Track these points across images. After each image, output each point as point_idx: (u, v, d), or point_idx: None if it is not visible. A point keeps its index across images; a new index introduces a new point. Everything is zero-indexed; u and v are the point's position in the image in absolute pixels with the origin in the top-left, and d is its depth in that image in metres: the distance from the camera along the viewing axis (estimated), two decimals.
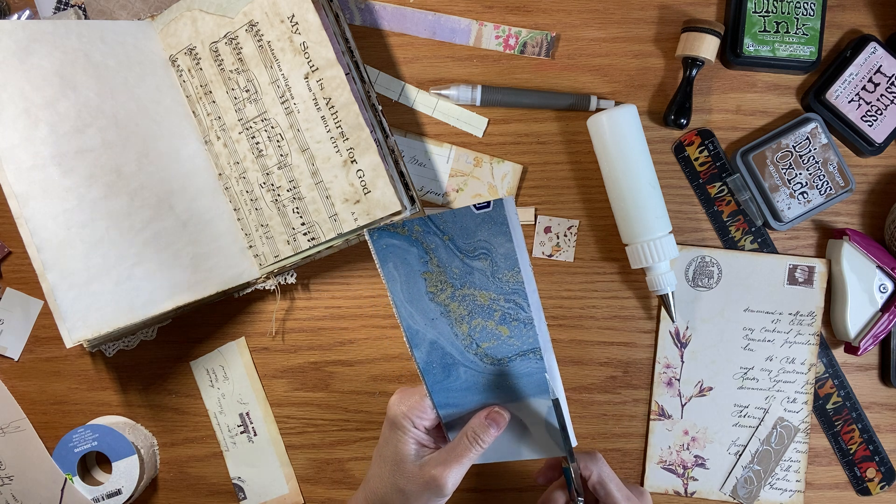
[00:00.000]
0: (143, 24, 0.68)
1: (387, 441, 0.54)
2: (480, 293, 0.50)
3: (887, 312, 0.67)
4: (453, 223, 0.48)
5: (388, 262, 0.49)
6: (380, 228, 0.49)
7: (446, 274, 0.49)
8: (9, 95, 0.60)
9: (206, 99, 0.67)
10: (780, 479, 0.69)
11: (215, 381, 0.70)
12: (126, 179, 0.64)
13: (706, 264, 0.70)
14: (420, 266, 0.49)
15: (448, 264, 0.49)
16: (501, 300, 0.49)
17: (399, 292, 0.50)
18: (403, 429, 0.53)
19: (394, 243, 0.49)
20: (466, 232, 0.48)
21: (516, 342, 0.51)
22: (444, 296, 0.50)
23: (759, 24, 0.68)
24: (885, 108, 0.68)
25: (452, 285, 0.50)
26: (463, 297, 0.50)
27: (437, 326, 0.51)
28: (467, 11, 0.70)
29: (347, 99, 0.63)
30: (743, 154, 0.68)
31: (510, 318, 0.50)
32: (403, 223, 0.49)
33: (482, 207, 0.47)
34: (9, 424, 0.68)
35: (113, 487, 0.67)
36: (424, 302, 0.50)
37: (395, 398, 0.55)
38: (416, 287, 0.50)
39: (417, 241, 0.49)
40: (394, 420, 0.54)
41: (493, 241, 0.48)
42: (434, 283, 0.50)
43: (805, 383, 0.69)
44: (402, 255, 0.49)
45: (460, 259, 0.49)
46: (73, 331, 0.60)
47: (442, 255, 0.49)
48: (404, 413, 0.53)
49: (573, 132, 0.70)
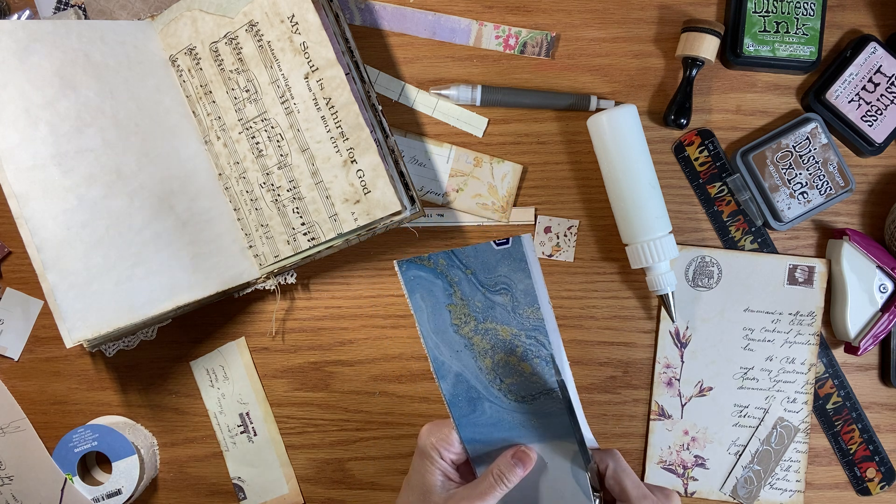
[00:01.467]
0: (143, 24, 0.68)
1: (416, 470, 0.54)
2: (502, 328, 0.51)
3: (887, 312, 0.67)
4: (475, 258, 0.49)
5: (416, 292, 0.51)
6: (408, 260, 0.50)
7: (469, 307, 0.51)
8: (9, 95, 0.60)
9: (206, 99, 0.67)
10: (780, 479, 0.69)
11: (215, 381, 0.70)
12: (126, 179, 0.64)
13: (706, 264, 0.70)
14: (445, 298, 0.51)
15: (471, 297, 0.50)
16: (523, 336, 0.50)
17: (426, 322, 0.51)
18: (431, 459, 0.53)
19: (420, 275, 0.50)
20: (487, 267, 0.49)
21: (539, 380, 0.52)
22: (467, 329, 0.51)
23: (759, 24, 0.68)
24: (885, 108, 0.68)
25: (475, 318, 0.51)
26: (486, 331, 0.51)
27: (461, 359, 0.52)
28: (467, 11, 0.70)
29: (347, 99, 0.63)
30: (743, 154, 0.68)
31: (532, 354, 0.51)
32: (429, 256, 0.50)
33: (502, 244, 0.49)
34: (9, 424, 0.68)
35: (113, 487, 0.67)
36: (449, 334, 0.51)
37: (425, 428, 0.55)
38: (442, 318, 0.51)
39: (442, 274, 0.50)
40: (423, 450, 0.54)
41: (513, 276, 0.49)
42: (458, 315, 0.51)
43: (805, 383, 0.69)
44: (428, 287, 0.51)
45: (482, 293, 0.50)
46: (73, 331, 0.60)
47: (465, 289, 0.50)
48: (433, 444, 0.53)
49: (573, 132, 0.70)
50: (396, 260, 0.50)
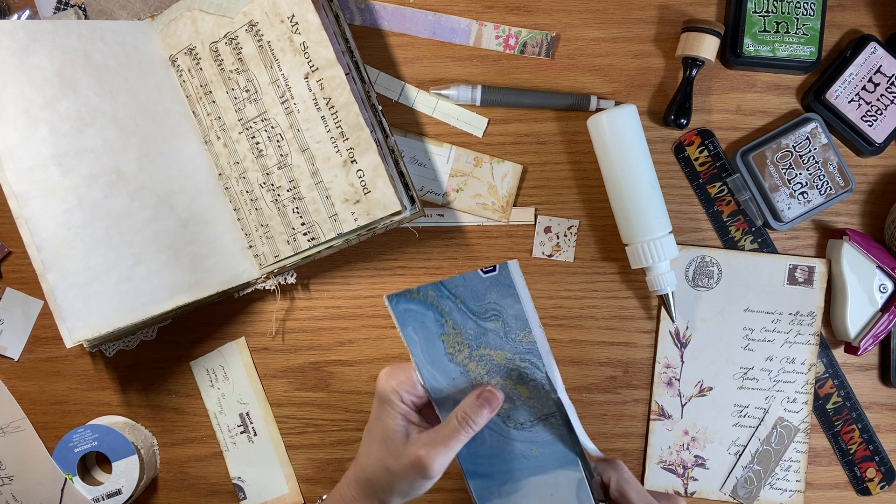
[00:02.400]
0: (143, 24, 0.68)
1: (376, 417, 0.52)
2: (496, 353, 0.51)
3: (887, 312, 0.67)
4: (464, 287, 0.50)
5: (408, 325, 0.51)
6: (397, 294, 0.50)
7: (462, 335, 0.51)
8: (9, 95, 0.60)
9: (206, 99, 0.67)
10: (780, 479, 0.69)
11: (215, 381, 0.70)
12: (126, 179, 0.64)
13: (706, 264, 0.70)
14: (437, 329, 0.51)
15: (463, 326, 0.50)
16: (517, 359, 0.50)
17: (420, 354, 0.51)
18: (392, 404, 0.51)
19: (411, 308, 0.50)
20: (476, 295, 0.50)
21: (536, 404, 0.52)
22: (462, 356, 0.51)
23: (759, 24, 0.68)
24: (885, 108, 0.68)
25: (469, 346, 0.51)
26: (480, 357, 0.51)
27: (458, 386, 0.52)
28: (467, 11, 0.70)
29: (347, 99, 0.63)
30: (743, 154, 0.68)
31: (527, 377, 0.51)
32: (418, 289, 0.50)
33: (489, 271, 0.49)
34: (9, 424, 0.68)
35: (113, 487, 0.67)
36: (444, 363, 0.51)
37: (383, 373, 0.53)
38: (436, 349, 0.51)
39: (433, 306, 0.50)
40: (382, 395, 0.52)
41: (503, 302, 0.49)
42: (452, 343, 0.51)
43: (805, 383, 0.69)
44: (419, 319, 0.51)
45: (474, 321, 0.50)
46: (73, 331, 0.60)
47: (456, 318, 0.50)
48: (393, 388, 0.51)
49: (573, 132, 0.70)
50: (386, 295, 0.50)
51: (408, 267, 0.70)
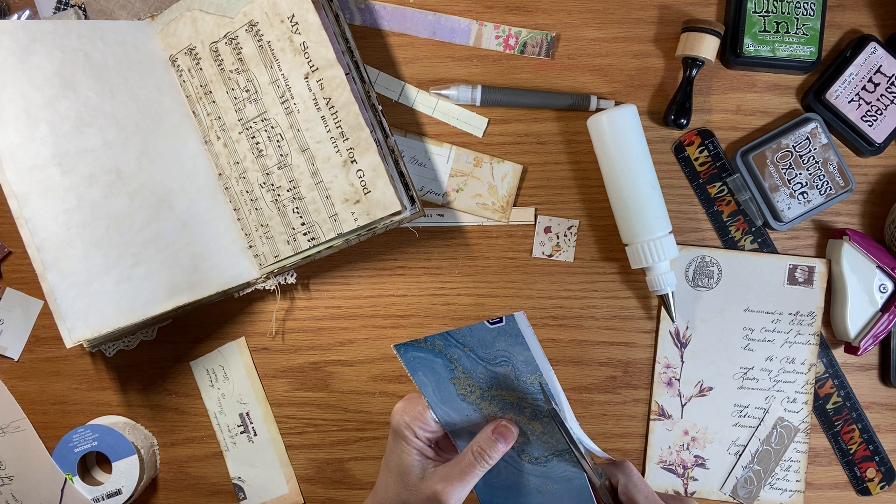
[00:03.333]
0: (143, 24, 0.68)
1: (392, 450, 0.53)
2: (508, 393, 0.51)
3: (887, 312, 0.67)
4: (471, 337, 0.49)
5: (418, 371, 0.51)
6: (405, 344, 0.50)
7: (472, 378, 0.51)
8: (9, 95, 0.60)
9: (206, 99, 0.67)
10: (780, 479, 0.69)
11: (215, 381, 0.70)
12: (126, 179, 0.64)
13: (706, 264, 0.70)
14: (447, 373, 0.51)
15: (473, 371, 0.50)
16: (529, 398, 0.50)
17: (432, 395, 0.51)
18: (406, 439, 0.52)
19: (419, 356, 0.50)
20: (484, 344, 0.49)
21: (551, 440, 0.51)
22: (474, 396, 0.51)
23: (759, 24, 0.68)
24: (885, 108, 0.68)
25: (480, 388, 0.51)
26: (492, 398, 0.51)
27: (472, 421, 0.52)
28: (467, 11, 0.70)
29: (347, 99, 0.63)
30: (743, 154, 0.68)
31: (541, 414, 0.51)
32: (426, 339, 0.50)
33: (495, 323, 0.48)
34: (9, 424, 0.68)
35: (113, 487, 0.67)
36: (457, 402, 0.51)
37: (398, 407, 0.53)
38: (447, 390, 0.51)
39: (441, 353, 0.50)
40: (396, 429, 0.52)
41: (512, 350, 0.49)
42: (463, 386, 0.51)
43: (805, 383, 0.69)
44: (429, 365, 0.51)
45: (483, 366, 0.50)
46: (73, 331, 0.60)
47: (466, 364, 0.50)
48: (406, 423, 0.52)
49: (573, 132, 0.70)
50: (394, 344, 0.50)
51: (408, 267, 0.70)
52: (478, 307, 0.70)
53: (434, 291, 0.70)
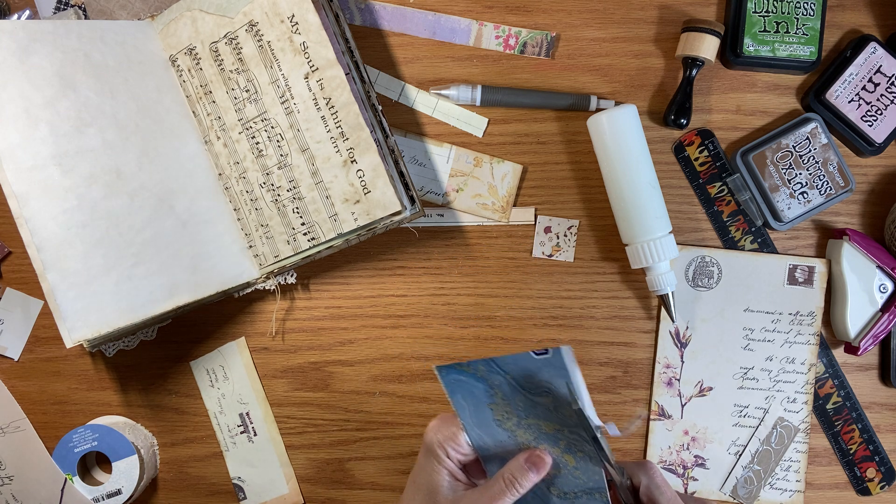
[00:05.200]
0: (143, 24, 0.68)
1: (421, 468, 0.52)
2: (545, 423, 0.50)
3: (887, 312, 0.67)
4: (514, 365, 0.49)
5: (457, 393, 0.51)
6: (447, 366, 0.50)
7: (511, 406, 0.50)
8: (9, 95, 0.60)
9: (206, 99, 0.67)
10: (780, 479, 0.69)
11: (215, 381, 0.70)
12: (126, 179, 0.64)
13: (706, 264, 0.70)
14: (486, 398, 0.51)
15: (512, 398, 0.50)
16: (566, 431, 0.50)
17: (468, 418, 0.51)
18: (438, 458, 0.51)
19: (460, 379, 0.50)
20: (528, 373, 0.49)
21: (582, 475, 0.51)
22: (510, 423, 0.51)
23: (759, 24, 0.68)
24: (885, 108, 0.68)
25: (517, 415, 0.51)
26: (529, 426, 0.51)
27: (506, 448, 0.52)
28: (467, 11, 0.70)
29: (347, 99, 0.63)
30: (743, 154, 0.68)
31: (576, 448, 0.50)
32: (469, 363, 0.50)
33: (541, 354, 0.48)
34: (9, 424, 0.68)
35: (113, 487, 0.67)
36: (492, 427, 0.51)
37: (433, 424, 0.53)
38: (484, 415, 0.51)
39: (482, 379, 0.50)
40: (429, 447, 0.52)
41: (554, 381, 0.49)
42: (500, 412, 0.51)
43: (805, 383, 0.69)
44: (468, 389, 0.51)
45: (523, 395, 0.50)
46: (73, 331, 0.60)
47: (506, 390, 0.50)
48: (440, 442, 0.51)
49: (573, 132, 0.70)
50: (436, 365, 0.50)
51: (408, 267, 0.70)
52: (478, 307, 0.70)
53: (434, 291, 0.70)
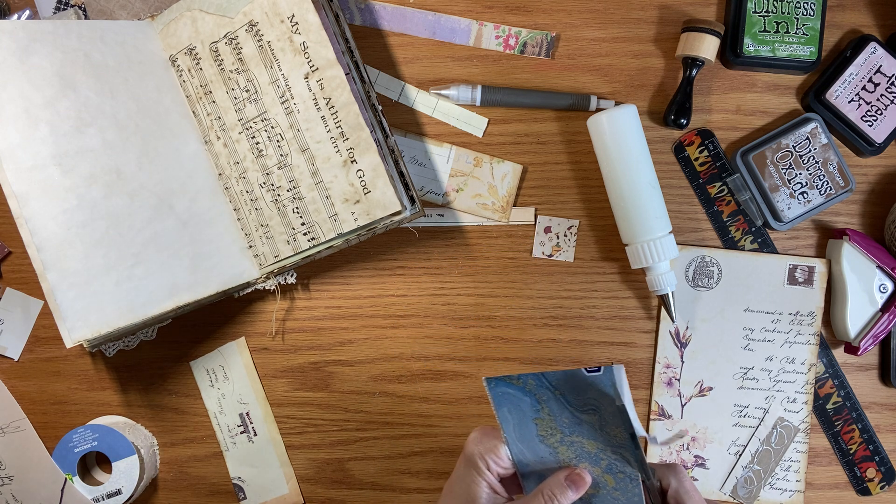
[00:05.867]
0: (143, 24, 0.68)
1: (460, 478, 0.52)
2: (588, 442, 0.51)
3: (887, 312, 0.67)
4: (565, 381, 0.50)
5: (503, 406, 0.51)
6: (497, 378, 0.51)
7: (556, 422, 0.51)
8: (9, 95, 0.60)
9: (206, 99, 0.67)
10: (780, 479, 0.69)
11: (215, 381, 0.70)
12: (126, 179, 0.64)
13: (706, 264, 0.70)
14: (532, 413, 0.51)
15: (558, 414, 0.51)
16: (609, 451, 0.50)
17: (512, 432, 0.52)
18: (478, 469, 0.51)
19: (509, 392, 0.51)
20: (577, 390, 0.50)
21: (621, 497, 0.51)
22: (553, 440, 0.51)
23: (759, 24, 0.68)
24: (885, 108, 0.68)
25: (561, 432, 0.51)
26: (571, 443, 0.51)
27: (545, 464, 0.52)
28: (467, 11, 0.70)
29: (347, 99, 0.63)
30: (743, 154, 0.68)
31: (616, 469, 0.51)
32: (519, 376, 0.51)
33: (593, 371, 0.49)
34: (9, 424, 0.68)
35: (113, 487, 0.67)
36: (535, 443, 0.52)
37: (474, 435, 0.53)
38: (528, 429, 0.52)
39: (531, 393, 0.51)
40: (470, 458, 0.52)
41: (602, 400, 0.49)
42: (545, 427, 0.51)
43: (805, 383, 0.69)
44: (515, 402, 0.51)
45: (570, 411, 0.51)
46: (73, 331, 0.60)
47: (553, 407, 0.51)
48: (481, 453, 0.51)
49: (573, 132, 0.70)
50: (486, 377, 0.51)
51: (408, 267, 0.70)
52: (478, 307, 0.70)
53: (434, 291, 0.70)
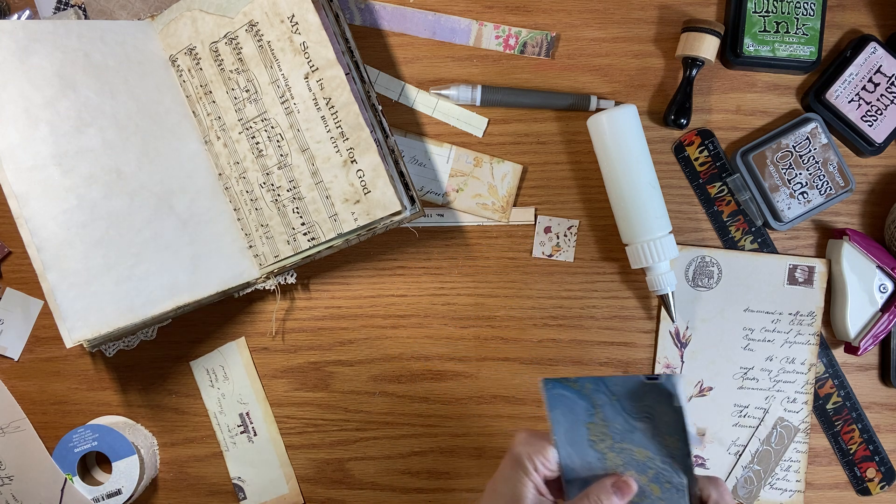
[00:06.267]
0: (143, 24, 0.68)
1: (505, 478, 0.52)
2: (638, 449, 0.51)
3: (887, 312, 0.67)
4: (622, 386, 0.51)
5: (557, 408, 0.52)
6: (555, 380, 0.51)
7: (609, 428, 0.51)
8: (9, 95, 0.60)
9: (206, 99, 0.67)
10: (780, 479, 0.69)
11: (215, 381, 0.70)
12: (126, 179, 0.64)
13: (706, 264, 0.70)
14: (585, 417, 0.52)
15: (612, 420, 0.51)
16: (658, 460, 0.51)
17: (562, 435, 0.52)
18: (526, 470, 0.51)
19: (564, 394, 0.51)
20: (634, 396, 0.50)
21: None
22: (603, 445, 0.52)
23: (759, 24, 0.68)
24: (885, 108, 0.68)
25: (612, 438, 0.52)
26: (621, 450, 0.52)
27: (592, 470, 0.52)
28: (467, 11, 0.70)
29: (347, 99, 0.63)
30: (743, 154, 0.68)
31: (663, 478, 0.51)
32: (577, 379, 0.51)
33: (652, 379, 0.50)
34: (9, 424, 0.68)
35: (113, 487, 0.67)
36: (584, 447, 0.52)
37: (522, 436, 0.53)
38: (579, 434, 0.52)
39: (587, 396, 0.51)
40: (517, 458, 0.52)
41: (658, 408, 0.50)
42: (596, 432, 0.52)
43: (805, 383, 0.69)
44: (570, 405, 0.52)
45: (624, 418, 0.51)
46: (73, 331, 0.60)
47: (607, 412, 0.51)
48: (529, 454, 0.51)
49: (573, 132, 0.70)
50: (543, 378, 0.51)
51: (408, 267, 0.70)
52: (478, 307, 0.70)
53: (434, 291, 0.70)
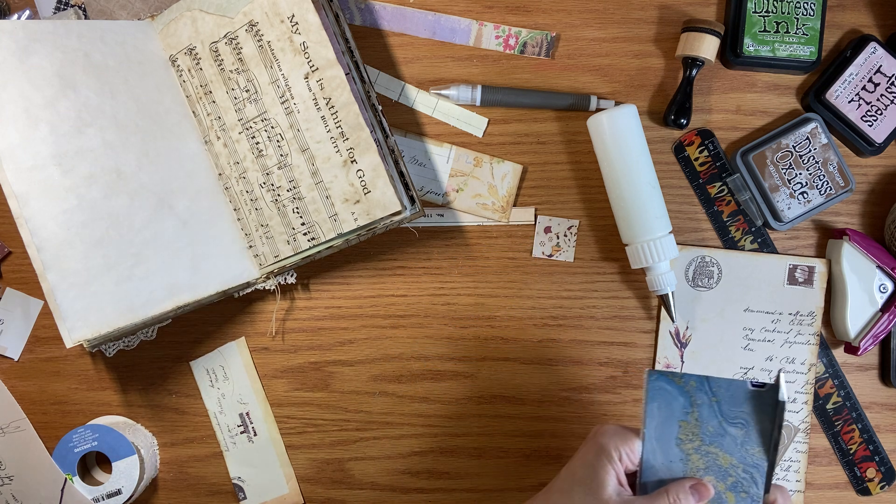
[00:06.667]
0: (143, 24, 0.68)
1: (588, 465, 0.53)
2: (724, 455, 0.52)
3: (887, 312, 0.67)
4: (726, 389, 0.52)
5: (655, 401, 0.52)
6: (660, 372, 0.52)
7: (700, 429, 0.52)
8: (9, 95, 0.60)
9: (206, 99, 0.67)
10: (780, 479, 0.69)
11: (215, 381, 0.70)
12: (126, 179, 0.64)
13: (706, 264, 0.70)
14: (681, 414, 0.52)
15: (706, 421, 0.52)
16: (740, 469, 0.52)
17: (652, 430, 0.53)
18: (611, 458, 0.52)
19: (666, 388, 0.52)
20: (735, 400, 0.51)
21: None
22: (690, 446, 0.52)
23: (759, 24, 0.68)
24: (885, 108, 0.68)
25: (701, 440, 0.52)
26: (706, 453, 0.52)
27: (671, 469, 0.53)
28: (467, 11, 0.70)
29: (347, 99, 0.63)
30: (743, 154, 0.68)
31: (741, 488, 0.52)
32: (682, 375, 0.52)
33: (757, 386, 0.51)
34: (9, 424, 0.68)
35: (113, 487, 0.67)
36: (670, 445, 0.53)
37: (610, 427, 0.54)
38: (669, 430, 0.53)
39: (687, 394, 0.52)
40: (604, 447, 0.52)
41: (755, 416, 0.51)
42: (686, 432, 0.52)
43: (805, 383, 0.69)
44: (668, 400, 0.52)
45: (718, 421, 0.52)
46: (73, 331, 0.60)
47: (704, 412, 0.52)
48: (616, 445, 0.52)
49: (573, 132, 0.70)
50: (648, 370, 0.52)
51: (408, 267, 0.70)
52: (478, 307, 0.70)
53: (434, 291, 0.70)
